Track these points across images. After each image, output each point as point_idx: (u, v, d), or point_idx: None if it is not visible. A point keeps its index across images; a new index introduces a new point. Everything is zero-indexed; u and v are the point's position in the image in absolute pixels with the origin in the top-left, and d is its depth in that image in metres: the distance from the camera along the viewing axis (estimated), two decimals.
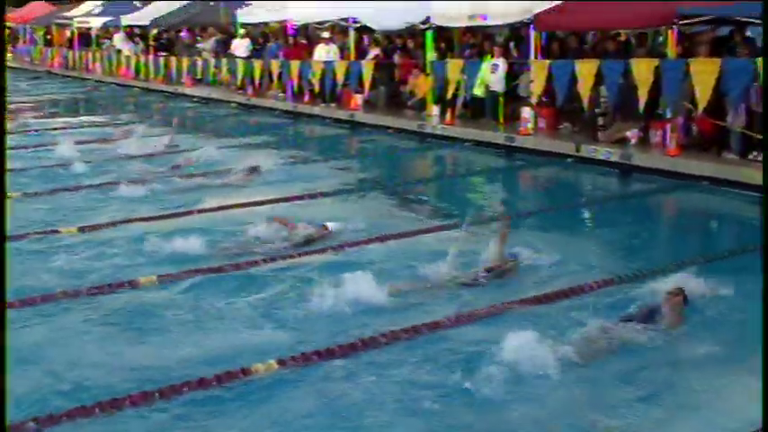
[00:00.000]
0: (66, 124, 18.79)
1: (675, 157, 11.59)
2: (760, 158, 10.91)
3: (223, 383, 4.98)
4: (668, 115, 12.02)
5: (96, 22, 33.90)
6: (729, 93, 11.00)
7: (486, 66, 15.18)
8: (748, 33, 12.51)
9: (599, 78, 12.78)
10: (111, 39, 32.62)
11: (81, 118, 20.74)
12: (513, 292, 6.60)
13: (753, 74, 10.52)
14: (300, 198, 10.37)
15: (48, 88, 29.31)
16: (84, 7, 36.51)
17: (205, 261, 7.47)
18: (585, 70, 12.78)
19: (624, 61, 12.55)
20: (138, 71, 29.17)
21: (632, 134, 12.72)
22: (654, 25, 13.12)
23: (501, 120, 15.09)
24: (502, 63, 15.06)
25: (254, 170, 11.78)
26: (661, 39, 13.75)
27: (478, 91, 15.54)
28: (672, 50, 12.04)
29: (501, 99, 15.16)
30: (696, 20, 12.05)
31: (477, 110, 15.99)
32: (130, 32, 31.40)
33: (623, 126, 12.87)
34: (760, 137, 10.89)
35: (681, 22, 11.89)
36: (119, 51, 31.16)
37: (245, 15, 23.75)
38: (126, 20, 31.17)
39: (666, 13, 11.86)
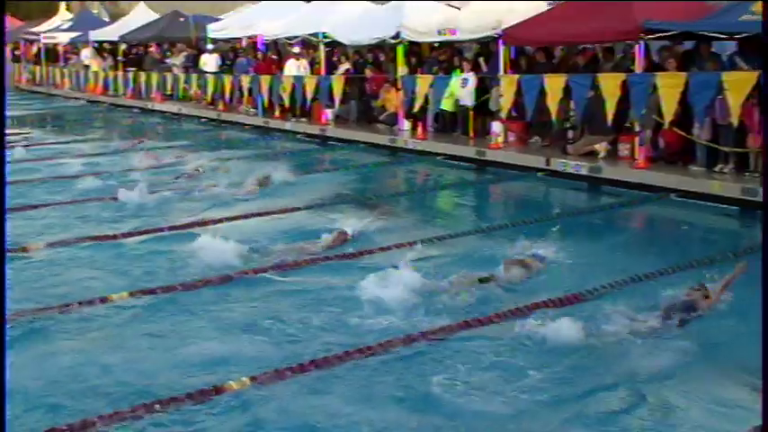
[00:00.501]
0: (37, 140, 18.61)
1: (644, 170, 11.74)
2: (726, 171, 11.10)
3: (195, 400, 4.95)
4: (636, 129, 12.17)
5: (64, 38, 33.65)
6: (694, 106, 11.18)
7: (455, 80, 15.29)
8: (713, 48, 12.74)
9: (567, 92, 12.92)
10: (79, 54, 32.39)
11: (51, 134, 20.57)
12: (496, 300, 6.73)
13: (717, 87, 10.69)
14: (284, 212, 10.46)
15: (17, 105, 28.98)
16: (51, 22, 36.24)
17: (182, 276, 7.46)
18: (554, 84, 12.92)
19: (592, 75, 12.71)
20: (107, 87, 28.97)
21: (601, 147, 12.86)
22: (620, 40, 13.30)
23: (471, 134, 15.20)
24: (472, 77, 15.16)
25: (265, 179, 12.21)
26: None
27: (447, 105, 15.64)
28: (638, 65, 12.20)
29: (471, 113, 15.27)
30: (662, 34, 12.25)
31: (449, 124, 16.10)
32: (99, 48, 31.21)
33: (592, 139, 13.01)
34: (726, 149, 11.08)
35: (647, 37, 12.08)
36: (87, 67, 30.93)
37: (215, 31, 23.72)
38: (94, 35, 30.98)
39: (632, 28, 12.04)
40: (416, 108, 15.91)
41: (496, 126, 14.33)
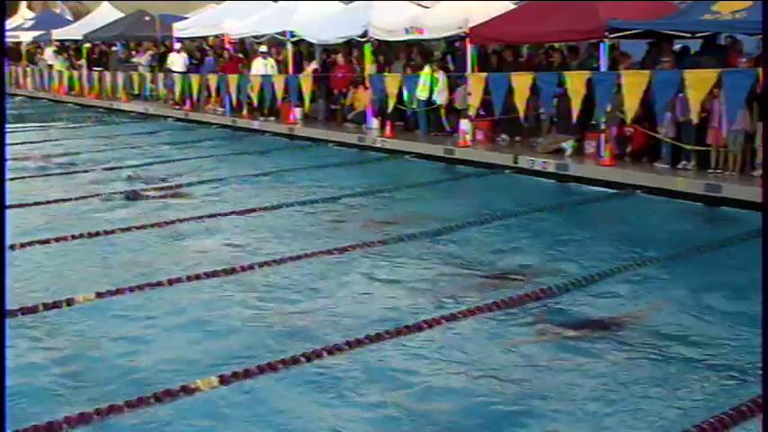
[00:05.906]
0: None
1: (609, 167, 11.88)
2: (689, 167, 11.26)
3: (162, 401, 4.93)
4: (602, 126, 12.31)
5: (26, 37, 33.18)
6: (656, 103, 11.33)
7: (426, 77, 15.28)
8: (677, 47, 12.93)
9: (534, 90, 13.02)
10: (42, 53, 31.95)
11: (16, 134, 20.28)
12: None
13: (678, 86, 10.84)
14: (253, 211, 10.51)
15: None
16: (13, 21, 35.70)
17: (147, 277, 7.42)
18: (521, 83, 13.01)
19: (558, 74, 12.82)
20: (71, 87, 28.62)
21: (567, 145, 12.98)
22: (584, 39, 13.43)
23: (447, 131, 15.23)
24: (442, 75, 15.21)
25: None
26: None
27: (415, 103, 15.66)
28: (602, 63, 12.33)
29: (443, 111, 15.35)
30: (626, 33, 12.39)
31: (414, 122, 16.16)
32: (62, 47, 30.79)
33: (558, 137, 13.14)
34: (688, 147, 11.24)
35: (611, 36, 12.21)
36: (50, 66, 30.52)
37: (181, 30, 23.53)
38: (57, 34, 30.57)
39: (596, 27, 12.17)
40: (390, 108, 15.90)
41: (464, 124, 14.41)
